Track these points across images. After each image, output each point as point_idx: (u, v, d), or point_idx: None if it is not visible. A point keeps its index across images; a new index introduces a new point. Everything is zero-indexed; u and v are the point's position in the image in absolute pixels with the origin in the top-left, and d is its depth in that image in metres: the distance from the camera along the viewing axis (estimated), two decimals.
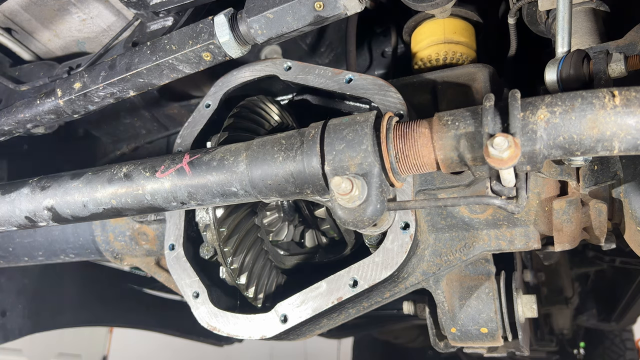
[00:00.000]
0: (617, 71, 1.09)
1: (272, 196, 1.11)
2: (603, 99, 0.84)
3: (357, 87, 1.26)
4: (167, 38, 1.25)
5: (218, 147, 1.16)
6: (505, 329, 1.31)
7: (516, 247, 1.23)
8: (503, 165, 0.83)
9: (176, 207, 1.20)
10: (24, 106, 1.45)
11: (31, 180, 1.34)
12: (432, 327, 1.42)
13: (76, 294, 2.60)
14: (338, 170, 1.00)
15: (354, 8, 1.12)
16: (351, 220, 0.98)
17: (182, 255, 1.37)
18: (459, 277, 1.30)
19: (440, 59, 1.45)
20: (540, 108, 0.86)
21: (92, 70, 1.35)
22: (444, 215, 1.25)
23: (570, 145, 0.85)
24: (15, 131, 1.51)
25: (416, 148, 0.97)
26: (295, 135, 1.08)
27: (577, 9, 1.28)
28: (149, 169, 1.19)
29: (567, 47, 1.13)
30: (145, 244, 1.69)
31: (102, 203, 1.23)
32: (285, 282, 1.49)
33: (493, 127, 0.88)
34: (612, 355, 5.30)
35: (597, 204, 1.22)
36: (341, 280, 1.17)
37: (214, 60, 1.23)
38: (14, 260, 1.88)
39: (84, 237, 1.77)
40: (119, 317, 2.81)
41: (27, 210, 1.32)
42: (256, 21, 1.15)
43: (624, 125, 0.81)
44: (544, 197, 1.21)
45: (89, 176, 1.26)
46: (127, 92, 1.34)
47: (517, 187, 0.93)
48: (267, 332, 1.23)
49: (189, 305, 1.33)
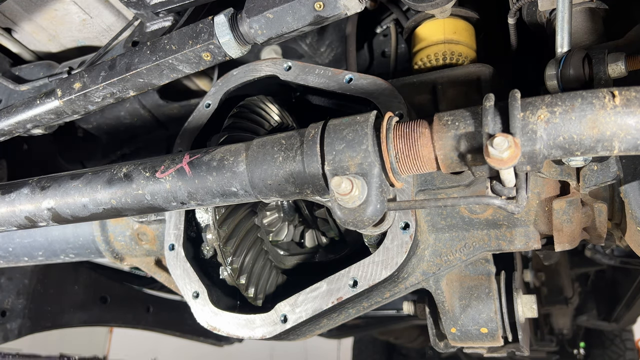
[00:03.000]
0: (617, 71, 1.09)
1: (272, 196, 1.10)
2: (603, 99, 0.84)
3: (357, 87, 1.26)
4: (167, 38, 1.25)
5: (218, 147, 1.15)
6: (505, 329, 1.31)
7: (516, 247, 1.23)
8: (503, 165, 0.83)
9: (176, 207, 1.19)
10: (24, 106, 1.45)
11: (31, 181, 1.34)
12: (432, 327, 1.42)
13: (76, 294, 2.60)
14: (338, 170, 0.99)
15: (354, 8, 1.12)
16: (351, 220, 0.98)
17: (182, 255, 1.37)
18: (459, 277, 1.30)
19: (440, 59, 1.45)
20: (540, 108, 0.86)
21: (92, 70, 1.35)
22: (444, 215, 1.25)
23: (570, 145, 0.85)
24: (15, 131, 1.51)
25: (416, 148, 0.97)
26: (295, 135, 1.08)
27: (577, 9, 1.28)
28: (149, 169, 1.18)
29: (567, 47, 1.13)
30: (145, 244, 1.69)
31: (102, 203, 1.23)
32: (285, 282, 1.49)
33: (493, 127, 0.87)
34: (612, 355, 5.31)
35: (597, 204, 1.22)
36: (341, 281, 1.17)
37: (214, 60, 1.23)
38: (14, 260, 1.88)
39: (83, 237, 1.77)
40: (119, 317, 2.81)
41: (27, 211, 1.31)
42: (256, 21, 1.15)
43: (624, 125, 0.81)
44: (544, 197, 1.21)
45: (88, 176, 1.25)
46: (127, 92, 1.34)
47: (517, 187, 0.93)
48: (267, 332, 1.23)
49: (189, 305, 1.33)
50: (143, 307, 2.94)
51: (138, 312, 2.91)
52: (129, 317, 2.85)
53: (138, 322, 2.90)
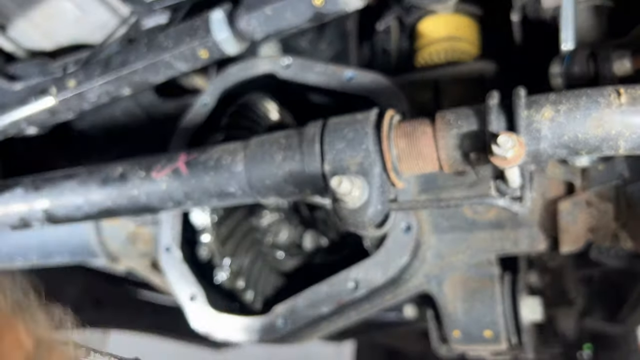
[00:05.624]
0: (622, 69, 1.08)
1: (271, 197, 1.09)
2: (608, 97, 0.82)
3: (358, 85, 1.24)
4: (164, 35, 1.24)
5: (215, 147, 1.14)
6: (509, 332, 1.29)
7: (520, 248, 1.21)
8: (507, 164, 0.82)
9: (172, 207, 1.18)
10: (18, 105, 1.44)
11: (25, 180, 1.33)
12: (434, 331, 1.40)
13: (71, 296, 2.57)
14: (338, 170, 0.98)
15: (354, 4, 1.11)
16: (351, 221, 0.96)
17: (178, 257, 1.35)
18: (462, 280, 1.27)
19: (442, 56, 1.43)
20: (545, 106, 0.85)
21: (87, 68, 1.33)
22: (446, 216, 1.23)
23: (575, 144, 0.84)
24: (9, 131, 1.49)
25: (418, 147, 0.95)
26: (294, 134, 1.06)
27: (581, 6, 1.26)
28: (144, 169, 1.17)
29: (572, 45, 1.12)
30: (141, 246, 1.68)
31: (97, 204, 1.21)
32: (284, 284, 1.47)
33: (497, 126, 0.86)
34: (617, 357, 5.29)
35: (603, 204, 1.20)
36: (341, 283, 1.15)
37: (211, 57, 1.22)
38: (8, 261, 1.86)
39: (78, 238, 1.75)
40: (114, 320, 2.78)
41: (21, 211, 1.30)
42: (254, 17, 1.14)
43: (629, 124, 0.80)
44: (548, 198, 1.20)
45: (83, 176, 1.24)
46: (123, 90, 1.33)
47: (522, 187, 0.92)
48: (266, 335, 1.21)
49: (185, 308, 1.31)
50: (138, 310, 2.91)
51: (133, 315, 2.88)
52: (124, 320, 2.82)
53: (133, 325, 2.87)
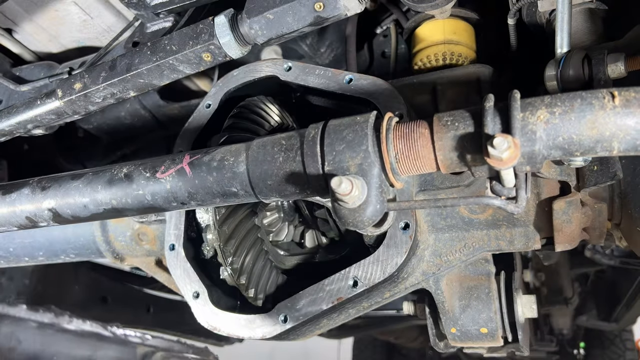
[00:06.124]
0: (616, 72, 1.10)
1: (272, 196, 1.11)
2: (602, 99, 0.83)
3: (358, 88, 1.26)
4: (168, 38, 1.25)
5: (218, 148, 1.16)
6: (505, 329, 1.31)
7: (516, 247, 1.23)
8: (503, 165, 0.83)
9: (176, 207, 1.20)
10: (25, 106, 1.45)
11: (32, 181, 1.34)
12: (432, 327, 1.42)
13: (76, 294, 2.60)
14: (338, 171, 1.00)
15: (354, 9, 1.12)
16: (351, 220, 0.98)
17: (182, 256, 1.37)
18: (459, 278, 1.30)
19: (440, 59, 1.45)
20: (540, 109, 0.86)
21: (93, 70, 1.35)
22: (443, 216, 1.25)
23: (570, 145, 0.85)
24: (16, 131, 1.51)
25: (416, 148, 0.97)
26: (295, 135, 1.08)
27: (576, 10, 1.28)
28: (149, 169, 1.19)
29: (567, 48, 1.13)
30: (146, 244, 1.70)
31: (103, 203, 1.23)
32: (286, 282, 1.49)
33: (493, 128, 0.87)
34: (611, 355, 5.30)
35: (597, 204, 1.22)
36: (341, 281, 1.17)
37: (214, 60, 1.23)
38: (15, 260, 1.88)
39: (84, 237, 1.77)
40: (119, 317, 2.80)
41: (28, 211, 1.31)
42: (256, 22, 1.16)
43: (623, 126, 0.81)
44: (543, 198, 1.21)
45: (89, 176, 1.26)
46: (128, 92, 1.34)
47: (517, 187, 0.93)
48: (268, 332, 1.23)
49: (189, 305, 1.33)
50: (143, 307, 2.94)
51: (138, 312, 2.91)
52: (129, 317, 2.85)
53: (138, 322, 2.90)
